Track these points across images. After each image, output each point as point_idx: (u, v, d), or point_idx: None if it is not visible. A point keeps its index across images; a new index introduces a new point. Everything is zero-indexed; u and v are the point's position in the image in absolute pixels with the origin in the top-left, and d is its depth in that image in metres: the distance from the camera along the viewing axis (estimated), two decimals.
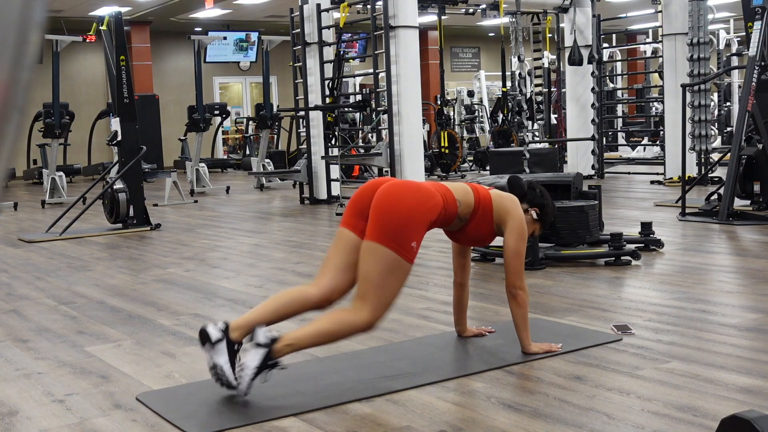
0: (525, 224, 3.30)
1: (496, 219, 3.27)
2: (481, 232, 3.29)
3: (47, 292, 5.20)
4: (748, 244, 6.05)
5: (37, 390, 3.17)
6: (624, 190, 10.30)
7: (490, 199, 3.26)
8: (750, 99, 6.99)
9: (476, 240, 3.38)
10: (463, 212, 3.21)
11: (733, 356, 3.19)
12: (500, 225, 3.28)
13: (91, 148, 16.66)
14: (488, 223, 3.26)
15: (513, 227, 3.25)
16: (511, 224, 3.25)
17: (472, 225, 3.26)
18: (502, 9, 11.41)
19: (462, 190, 3.24)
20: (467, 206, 3.21)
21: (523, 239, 3.27)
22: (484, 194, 3.27)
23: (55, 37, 12.00)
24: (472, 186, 3.30)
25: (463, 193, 3.22)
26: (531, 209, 3.44)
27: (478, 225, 3.26)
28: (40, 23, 0.71)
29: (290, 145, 16.71)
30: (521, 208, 3.32)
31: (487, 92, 18.26)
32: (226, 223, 8.75)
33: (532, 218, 3.44)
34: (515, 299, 3.27)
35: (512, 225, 3.25)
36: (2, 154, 0.72)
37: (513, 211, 3.28)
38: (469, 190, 3.26)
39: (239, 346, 2.94)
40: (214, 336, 2.90)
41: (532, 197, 3.46)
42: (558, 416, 2.63)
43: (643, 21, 17.70)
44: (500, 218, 3.27)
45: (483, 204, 3.24)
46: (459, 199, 3.18)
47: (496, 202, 3.27)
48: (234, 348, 2.92)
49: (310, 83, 10.32)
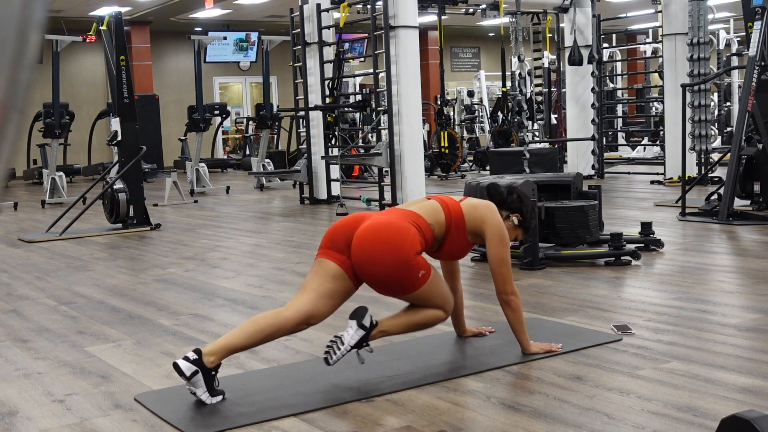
0: (504, 230, 3.27)
1: (471, 230, 3.25)
2: (456, 248, 3.29)
3: (47, 292, 5.20)
4: (748, 244, 6.05)
5: (37, 390, 3.17)
6: (624, 190, 10.30)
7: (461, 213, 3.24)
8: (750, 99, 6.98)
9: (454, 255, 3.38)
10: (438, 233, 3.21)
11: (733, 356, 3.18)
12: (478, 235, 3.26)
13: (91, 148, 16.67)
14: (462, 237, 3.25)
15: (492, 235, 3.23)
16: (490, 232, 3.23)
17: (447, 242, 3.25)
18: (502, 9, 11.40)
19: (432, 211, 3.21)
20: (440, 226, 3.21)
21: (504, 245, 3.24)
22: (455, 209, 3.24)
23: (55, 37, 12.00)
24: (442, 201, 3.27)
25: (433, 214, 3.20)
26: (512, 215, 3.41)
27: (453, 241, 3.25)
28: (40, 23, 0.71)
29: (290, 145, 16.71)
30: (499, 215, 3.29)
31: (487, 92, 18.26)
32: (226, 223, 8.75)
33: (514, 224, 3.42)
34: (509, 305, 3.27)
35: (491, 233, 3.23)
36: (2, 154, 0.72)
37: (489, 218, 3.25)
38: (439, 208, 3.23)
39: (216, 370, 2.90)
40: (188, 372, 2.84)
41: (510, 203, 3.43)
42: (558, 416, 2.63)
43: (643, 21, 17.70)
44: (476, 228, 3.24)
45: (454, 220, 3.22)
46: (431, 222, 3.18)
47: (468, 214, 3.24)
48: (211, 373, 2.89)
49: (310, 83, 10.32)
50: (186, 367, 2.85)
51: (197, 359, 2.86)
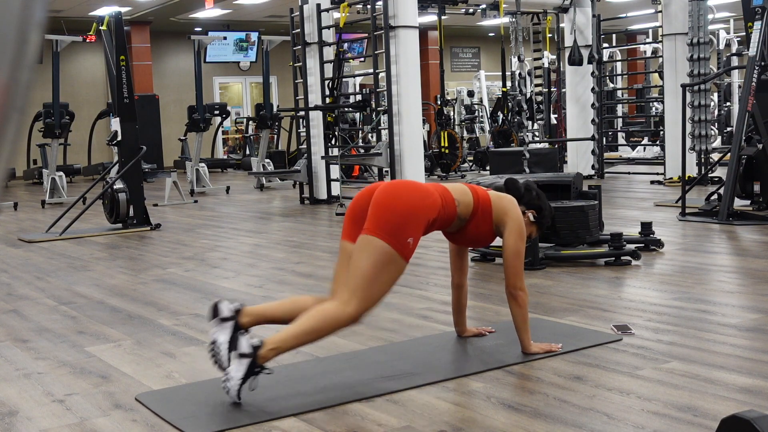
0: (523, 224, 3.29)
1: (495, 220, 3.26)
2: (480, 233, 3.28)
3: (47, 292, 5.20)
4: (748, 244, 6.05)
5: (37, 390, 3.17)
6: (624, 190, 10.30)
7: (489, 200, 3.26)
8: (750, 99, 6.98)
9: (475, 241, 3.37)
10: (463, 212, 3.20)
11: (733, 356, 3.18)
12: (499, 226, 3.27)
13: (91, 148, 16.66)
14: (488, 223, 3.26)
15: (512, 228, 3.25)
16: (511, 225, 3.25)
17: (472, 225, 3.25)
18: (502, 9, 11.40)
19: (460, 191, 3.23)
20: (466, 206, 3.21)
21: (522, 240, 3.27)
22: (483, 195, 3.27)
23: (55, 37, 12.00)
24: (471, 186, 3.30)
25: (461, 194, 3.21)
26: (528, 211, 3.43)
27: (478, 225, 3.25)
28: (40, 23, 0.71)
29: (290, 145, 16.70)
30: (519, 209, 3.32)
31: (487, 92, 18.26)
32: (226, 223, 8.75)
33: (530, 220, 3.43)
34: (515, 300, 3.27)
35: (511, 225, 3.25)
36: (2, 154, 0.72)
37: (512, 211, 3.27)
38: (468, 190, 3.25)
39: (245, 331, 2.93)
40: (225, 313, 2.92)
41: (529, 199, 3.45)
42: (558, 416, 2.63)
43: (643, 21, 17.69)
44: (499, 219, 3.26)
45: (482, 204, 3.24)
46: (458, 198, 3.18)
47: (495, 203, 3.26)
48: (239, 332, 2.91)
49: (310, 83, 10.32)
50: (227, 308, 2.93)
51: (237, 311, 2.94)
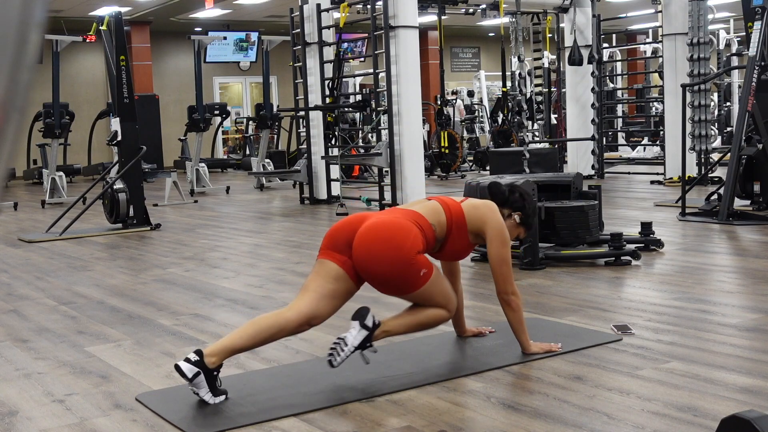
0: (505, 230, 3.27)
1: (472, 230, 3.25)
2: (457, 248, 3.29)
3: (47, 292, 5.20)
4: (748, 244, 6.05)
5: (37, 390, 3.17)
6: (624, 190, 10.30)
7: (462, 213, 3.24)
8: (750, 99, 6.98)
9: (455, 255, 3.38)
10: (440, 233, 3.21)
11: (733, 356, 3.18)
12: (479, 235, 3.26)
13: (91, 148, 16.66)
14: (464, 238, 3.25)
15: (493, 235, 3.23)
16: (491, 233, 3.23)
17: (449, 243, 3.25)
18: (502, 9, 11.40)
19: (433, 211, 3.21)
20: (441, 226, 3.21)
21: (505, 245, 3.25)
22: (456, 209, 3.25)
23: (55, 37, 12.00)
24: (442, 202, 3.27)
25: (434, 214, 3.20)
26: (514, 214, 3.41)
27: (454, 242, 3.25)
28: (40, 23, 0.71)
29: (290, 145, 16.70)
30: (499, 214, 3.29)
31: (487, 92, 18.26)
32: (226, 223, 8.75)
33: (515, 222, 3.41)
34: (509, 305, 3.27)
35: (492, 233, 3.23)
36: (2, 154, 0.72)
37: (490, 219, 3.25)
38: (440, 208, 3.23)
39: (218, 370, 2.90)
40: (189, 373, 2.84)
41: (512, 202, 3.42)
42: (558, 416, 2.63)
43: (643, 21, 17.70)
44: (477, 229, 3.24)
45: (455, 220, 3.23)
46: (432, 222, 3.18)
47: (469, 215, 3.24)
48: (213, 374, 2.89)
49: (310, 83, 10.32)
50: (188, 369, 2.85)
51: (198, 360, 2.86)
